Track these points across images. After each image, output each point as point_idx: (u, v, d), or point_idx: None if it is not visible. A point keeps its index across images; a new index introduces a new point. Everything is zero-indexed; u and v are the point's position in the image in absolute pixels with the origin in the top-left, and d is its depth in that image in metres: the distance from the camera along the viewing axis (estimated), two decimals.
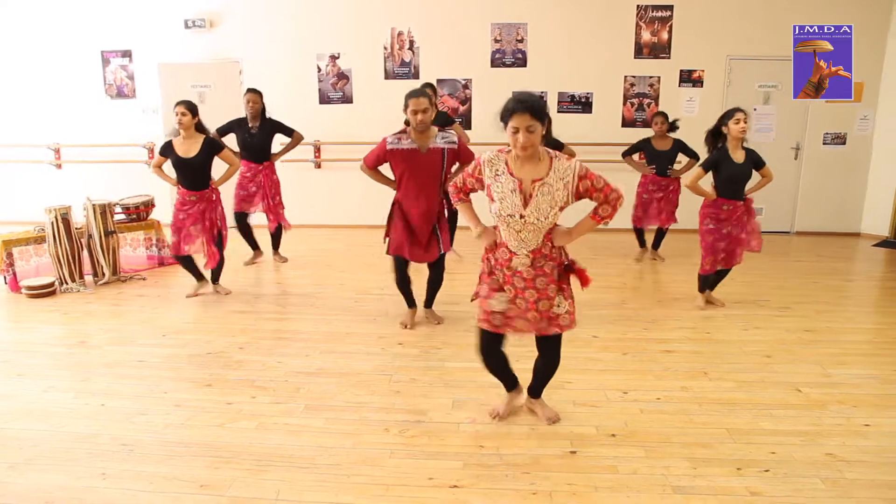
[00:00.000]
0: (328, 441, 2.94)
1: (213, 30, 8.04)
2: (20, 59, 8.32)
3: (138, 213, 6.23)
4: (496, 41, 7.92)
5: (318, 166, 8.23)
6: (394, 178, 4.29)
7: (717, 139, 4.63)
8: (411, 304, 4.56)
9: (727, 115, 4.55)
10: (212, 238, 5.06)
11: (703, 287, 4.96)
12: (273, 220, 6.20)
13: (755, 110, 7.71)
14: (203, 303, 5.07)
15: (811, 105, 7.58)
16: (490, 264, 2.84)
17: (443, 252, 4.34)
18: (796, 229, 8.19)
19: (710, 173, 4.64)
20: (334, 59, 8.07)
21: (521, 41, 7.89)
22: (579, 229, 2.78)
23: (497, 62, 7.96)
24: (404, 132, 4.09)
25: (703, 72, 7.83)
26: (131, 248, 6.14)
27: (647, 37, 7.80)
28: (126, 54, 8.21)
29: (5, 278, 5.45)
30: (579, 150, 6.62)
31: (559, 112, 7.90)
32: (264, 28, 8.02)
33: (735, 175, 4.56)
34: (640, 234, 6.62)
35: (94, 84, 8.30)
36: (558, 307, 2.77)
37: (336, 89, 8.15)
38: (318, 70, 8.11)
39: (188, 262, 5.22)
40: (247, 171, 6.03)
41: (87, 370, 3.80)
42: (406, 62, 8.03)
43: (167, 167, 5.08)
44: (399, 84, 8.02)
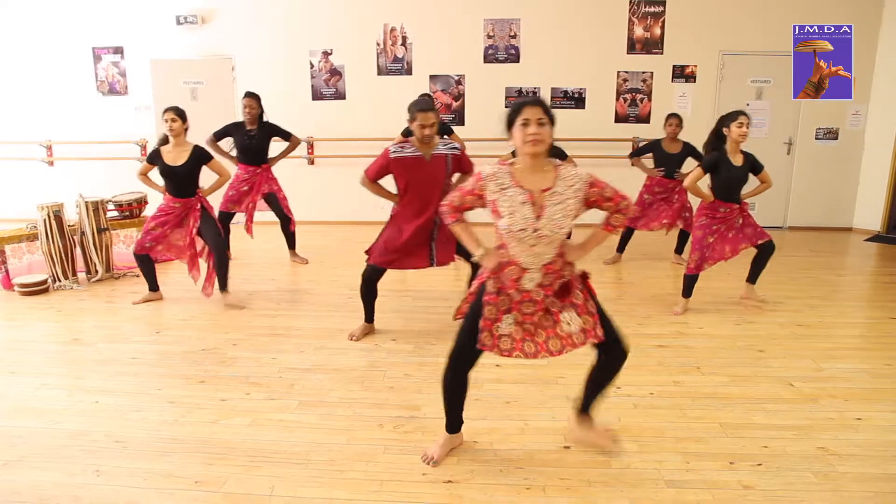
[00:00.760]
0: (322, 437, 2.94)
1: (206, 26, 8.01)
2: (11, 55, 8.27)
3: (131, 210, 6.21)
4: (489, 37, 7.91)
5: (311, 163, 8.21)
6: (395, 192, 4.16)
7: (718, 141, 4.55)
8: (370, 318, 4.32)
9: (729, 117, 4.44)
10: (193, 246, 4.88)
11: (687, 291, 4.78)
12: (279, 216, 6.20)
13: (748, 105, 7.73)
14: (197, 300, 5.05)
15: (803, 101, 7.59)
16: (496, 286, 2.56)
17: (436, 263, 4.14)
18: (789, 224, 8.22)
19: (709, 177, 4.59)
20: (327, 55, 8.05)
21: (514, 37, 7.89)
22: (592, 242, 2.62)
23: (490, 58, 7.96)
24: (407, 141, 4.03)
25: (696, 67, 7.84)
26: (124, 245, 6.11)
27: (639, 32, 7.81)
28: (118, 51, 8.17)
29: None
30: (572, 146, 6.66)
31: (552, 107, 7.88)
32: (257, 24, 7.99)
33: (732, 178, 4.52)
34: (627, 238, 6.30)
35: (86, 81, 8.26)
36: (568, 325, 2.56)
37: (329, 85, 8.13)
38: (311, 66, 8.09)
39: (147, 264, 4.96)
40: (244, 173, 6.03)
41: (81, 367, 3.79)
42: (399, 58, 8.01)
43: (154, 175, 4.91)
44: (392, 80, 8.03)
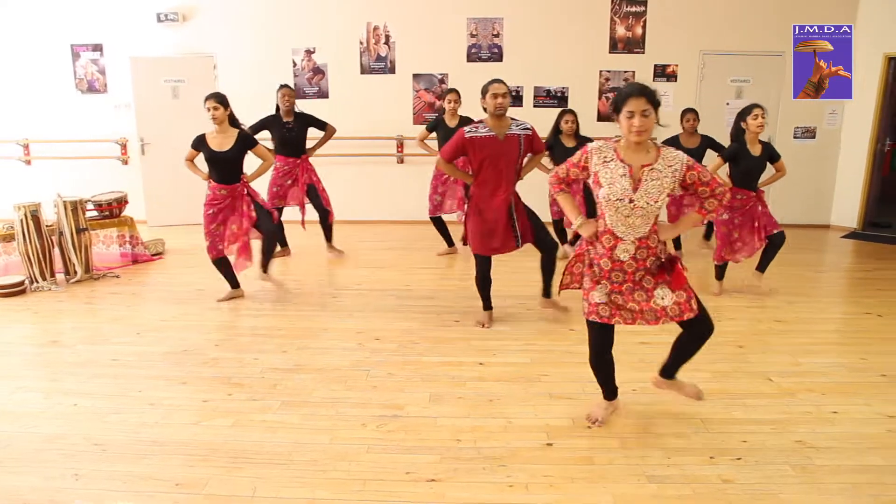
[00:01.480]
0: (305, 437, 2.93)
1: (187, 23, 7.93)
2: None
3: (111, 210, 6.14)
4: (472, 36, 7.92)
5: None
6: (469, 172, 4.29)
7: (739, 133, 4.84)
8: (488, 306, 4.45)
9: (745, 111, 4.77)
10: (248, 233, 4.89)
11: (719, 275, 5.15)
12: (318, 209, 6.18)
13: (728, 105, 7.81)
14: (179, 300, 5.01)
15: (782, 99, 7.69)
16: (589, 257, 2.84)
17: (521, 244, 4.28)
18: None
19: (727, 166, 4.92)
20: (310, 53, 8.02)
21: (497, 36, 7.90)
22: (685, 224, 2.95)
23: (473, 57, 7.96)
24: (481, 121, 4.16)
25: (677, 66, 7.90)
26: (104, 245, 6.06)
27: (621, 32, 7.85)
28: (97, 48, 8.07)
29: None
30: None
31: (535, 107, 7.93)
32: (238, 22, 7.93)
33: (751, 167, 4.85)
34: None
35: (65, 78, 8.14)
36: (661, 300, 2.75)
37: (312, 84, 8.09)
38: (294, 65, 8.05)
39: (224, 265, 4.95)
40: (284, 165, 6.02)
41: (59, 370, 3.75)
42: (382, 57, 8.00)
43: (199, 162, 4.94)
44: (375, 79, 8.01)
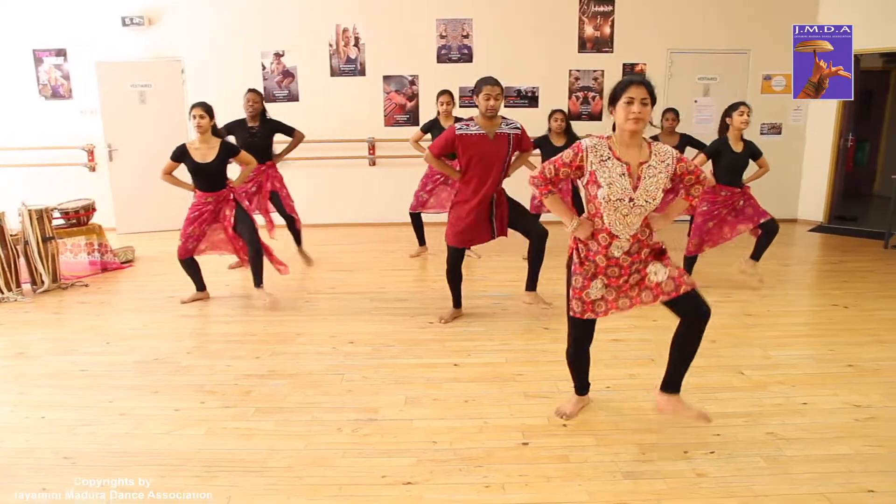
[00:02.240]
0: (280, 443, 2.91)
1: (153, 27, 7.82)
2: None
3: (78, 218, 6.01)
4: (441, 37, 7.93)
5: None
6: (458, 168, 4.32)
7: (723, 129, 4.93)
8: (458, 303, 4.55)
9: (732, 107, 4.85)
10: (236, 235, 4.86)
11: (687, 270, 5.11)
12: (283, 216, 6.08)
13: (696, 102, 7.92)
14: (150, 308, 4.94)
15: (747, 96, 7.81)
16: (581, 255, 2.79)
17: (496, 235, 4.35)
18: None
19: (710, 162, 5.00)
20: (279, 56, 7.96)
21: (467, 37, 7.92)
22: (674, 211, 2.94)
23: (443, 58, 7.98)
24: (472, 119, 4.19)
25: (646, 65, 7.98)
26: (72, 254, 5.94)
27: (590, 31, 7.92)
28: (60, 53, 7.92)
29: None
30: None
31: (506, 107, 7.95)
32: (206, 25, 7.84)
33: (734, 164, 4.93)
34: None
35: (27, 84, 7.96)
36: (655, 275, 2.73)
37: (282, 87, 8.04)
38: (263, 68, 7.99)
39: (191, 266, 4.98)
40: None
41: (26, 382, 3.66)
42: (352, 59, 7.97)
43: (180, 173, 4.84)
44: (345, 81, 7.98)
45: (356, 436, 2.97)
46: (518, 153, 4.39)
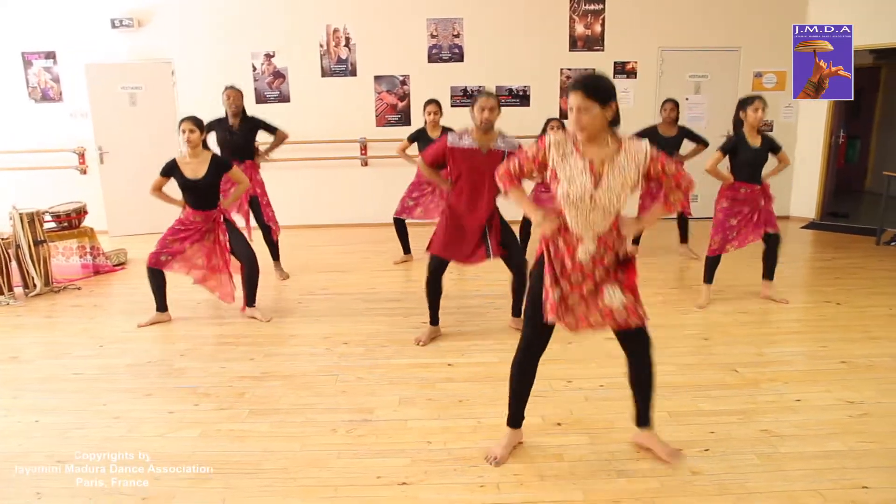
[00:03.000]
0: (274, 445, 2.90)
1: (142, 29, 7.79)
2: None
3: (70, 221, 5.99)
4: (432, 36, 7.93)
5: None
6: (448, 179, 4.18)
7: (738, 124, 4.79)
8: (435, 320, 4.26)
9: (746, 102, 4.70)
10: (222, 264, 4.60)
11: (708, 276, 4.95)
12: (260, 225, 5.76)
13: (687, 100, 7.94)
14: (142, 310, 4.88)
15: (739, 94, 7.80)
16: (550, 255, 2.59)
17: (492, 257, 4.12)
18: None
19: (727, 159, 4.83)
20: (269, 57, 7.94)
21: (458, 36, 7.92)
22: (649, 218, 2.73)
23: (434, 57, 7.97)
24: (466, 131, 4.05)
25: (637, 63, 8.00)
26: (64, 257, 5.92)
27: (580, 30, 7.93)
28: (50, 55, 7.88)
29: None
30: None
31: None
32: (196, 26, 7.81)
33: (751, 159, 4.76)
34: None
35: (16, 87, 7.92)
36: (610, 299, 2.54)
37: (272, 88, 8.01)
38: (254, 69, 7.96)
39: (158, 281, 4.60)
40: None
41: (19, 386, 3.64)
42: (343, 59, 7.95)
43: (170, 189, 4.58)
44: (336, 81, 7.97)
45: (351, 437, 2.97)
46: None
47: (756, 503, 2.44)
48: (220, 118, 5.65)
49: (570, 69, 7.99)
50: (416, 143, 6.03)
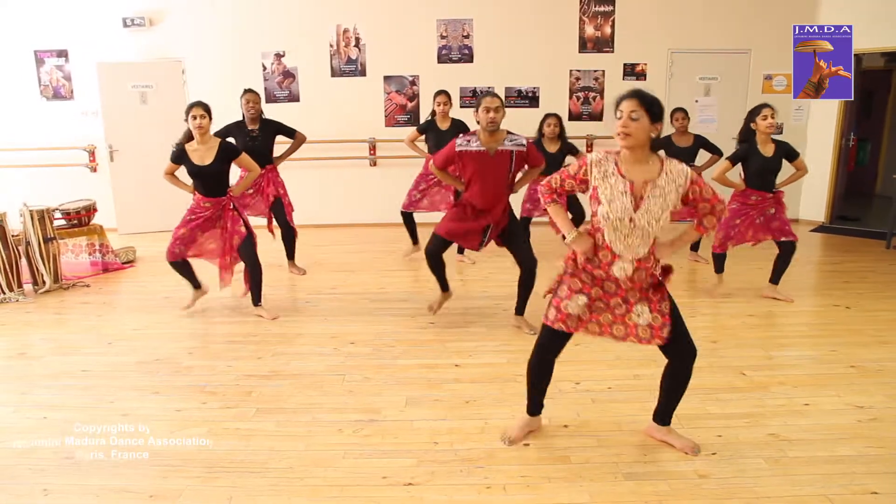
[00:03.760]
0: (281, 444, 2.91)
1: (153, 28, 7.83)
2: None
3: (79, 218, 6.02)
4: (442, 37, 7.93)
5: None
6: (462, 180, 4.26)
7: (748, 135, 4.79)
8: (444, 287, 4.46)
9: (755, 111, 4.71)
10: (229, 249, 4.64)
11: (718, 267, 5.16)
12: (282, 224, 5.82)
13: (697, 101, 7.91)
14: (151, 308, 4.93)
15: (749, 97, 7.80)
16: (576, 266, 2.64)
17: (482, 247, 4.27)
18: None
19: (741, 166, 4.86)
20: (279, 57, 7.96)
21: (467, 37, 7.92)
22: (681, 241, 2.69)
23: (444, 58, 7.97)
24: (474, 134, 4.08)
25: (646, 65, 7.97)
26: (73, 254, 5.95)
27: (590, 31, 7.91)
28: (62, 54, 7.93)
29: None
30: None
31: (506, 107, 7.93)
32: (207, 26, 7.84)
33: (763, 168, 4.78)
34: None
35: (29, 85, 7.97)
36: (638, 316, 2.60)
37: (282, 88, 8.04)
38: (264, 69, 7.98)
39: (183, 268, 4.71)
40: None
41: (28, 382, 3.66)
42: (353, 59, 7.97)
43: (181, 174, 4.64)
44: (346, 81, 7.98)
45: (357, 436, 2.97)
46: (527, 168, 4.28)
47: None
48: (237, 122, 5.63)
49: (579, 70, 7.97)
50: (425, 135, 6.04)
